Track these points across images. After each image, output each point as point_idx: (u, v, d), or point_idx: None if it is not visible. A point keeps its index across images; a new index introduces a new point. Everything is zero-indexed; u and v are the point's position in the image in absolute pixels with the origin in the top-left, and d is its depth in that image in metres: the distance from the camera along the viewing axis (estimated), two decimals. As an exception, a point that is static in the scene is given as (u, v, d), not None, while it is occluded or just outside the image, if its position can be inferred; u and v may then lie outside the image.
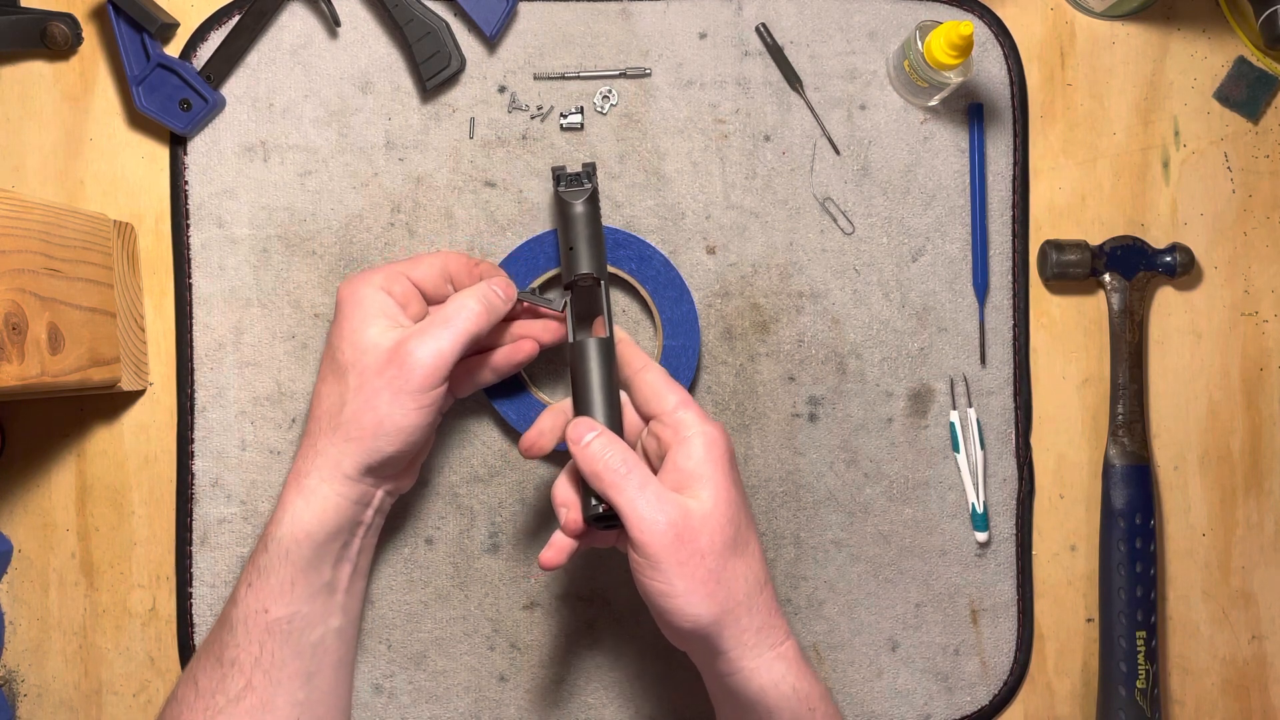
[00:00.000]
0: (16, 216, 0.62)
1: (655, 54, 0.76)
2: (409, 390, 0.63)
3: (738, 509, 0.61)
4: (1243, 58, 0.78)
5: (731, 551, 0.60)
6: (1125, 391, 0.77)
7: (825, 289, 0.77)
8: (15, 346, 0.60)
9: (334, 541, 0.66)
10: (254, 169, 0.75)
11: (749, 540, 0.61)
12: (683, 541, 0.58)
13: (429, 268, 0.68)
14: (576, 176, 0.71)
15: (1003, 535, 0.77)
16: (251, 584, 0.65)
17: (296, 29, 0.75)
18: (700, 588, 0.58)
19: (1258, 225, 0.79)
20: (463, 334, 0.64)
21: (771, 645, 0.61)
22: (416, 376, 0.63)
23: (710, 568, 0.59)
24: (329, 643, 0.68)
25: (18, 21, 0.73)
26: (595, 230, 0.70)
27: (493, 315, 0.66)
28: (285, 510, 0.65)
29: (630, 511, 0.59)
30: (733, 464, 0.62)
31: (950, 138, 0.77)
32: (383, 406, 0.63)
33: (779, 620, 0.62)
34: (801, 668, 0.62)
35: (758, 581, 0.61)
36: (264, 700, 0.64)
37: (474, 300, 0.65)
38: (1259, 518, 0.79)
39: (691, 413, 0.62)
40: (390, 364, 0.63)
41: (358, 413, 0.64)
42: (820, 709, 0.62)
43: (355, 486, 0.66)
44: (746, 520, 0.62)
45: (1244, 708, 0.79)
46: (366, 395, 0.64)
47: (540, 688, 0.76)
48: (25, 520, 0.75)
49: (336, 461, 0.65)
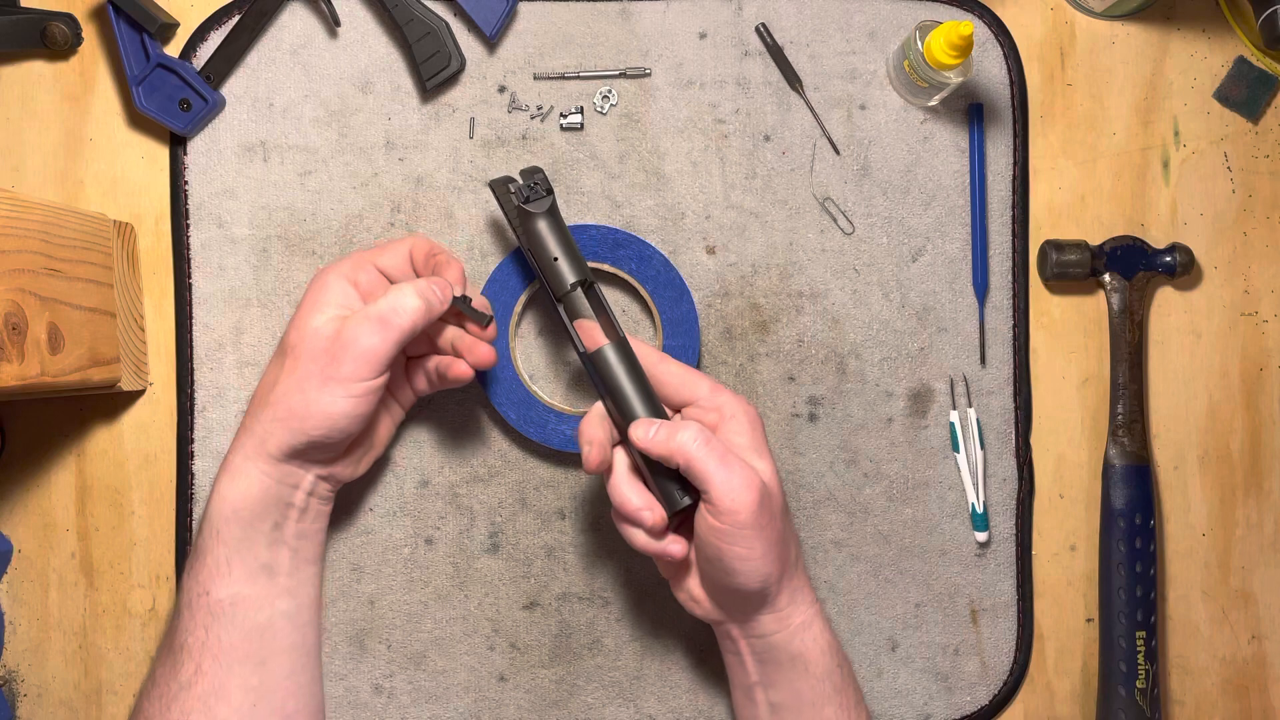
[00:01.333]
0: (16, 216, 0.62)
1: (655, 54, 0.76)
2: (337, 378, 0.64)
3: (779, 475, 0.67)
4: (1243, 58, 0.78)
5: (786, 513, 0.67)
6: (1125, 391, 0.77)
7: (825, 289, 0.77)
8: (15, 346, 0.60)
9: (262, 521, 0.67)
10: (254, 169, 0.75)
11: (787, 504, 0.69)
12: (763, 508, 0.63)
13: (395, 254, 0.69)
14: (531, 186, 0.69)
15: (1003, 535, 0.77)
16: (191, 567, 0.67)
17: (296, 29, 0.75)
18: (773, 549, 0.64)
19: (1258, 225, 0.79)
20: (396, 329, 0.64)
21: (810, 603, 0.67)
22: (346, 366, 0.64)
23: (779, 529, 0.64)
24: (278, 626, 0.68)
25: (18, 21, 0.73)
26: (567, 235, 0.69)
27: (430, 314, 0.66)
28: (215, 489, 0.67)
29: (723, 485, 0.62)
30: (765, 434, 0.68)
31: (950, 138, 0.77)
32: (311, 390, 0.64)
33: (808, 580, 0.69)
34: (827, 624, 0.69)
35: (798, 542, 0.70)
36: (215, 685, 0.65)
37: (414, 297, 0.65)
38: (1259, 518, 0.79)
39: (726, 394, 0.67)
40: (325, 351, 0.64)
41: (287, 394, 0.65)
42: (846, 665, 0.69)
43: (279, 467, 0.66)
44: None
45: (1244, 708, 0.79)
46: (298, 378, 0.64)
47: (540, 688, 0.76)
48: (25, 520, 0.75)
49: (262, 440, 0.66)
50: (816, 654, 0.67)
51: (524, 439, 0.76)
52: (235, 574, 0.66)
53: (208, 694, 0.65)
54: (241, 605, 0.66)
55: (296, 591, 0.69)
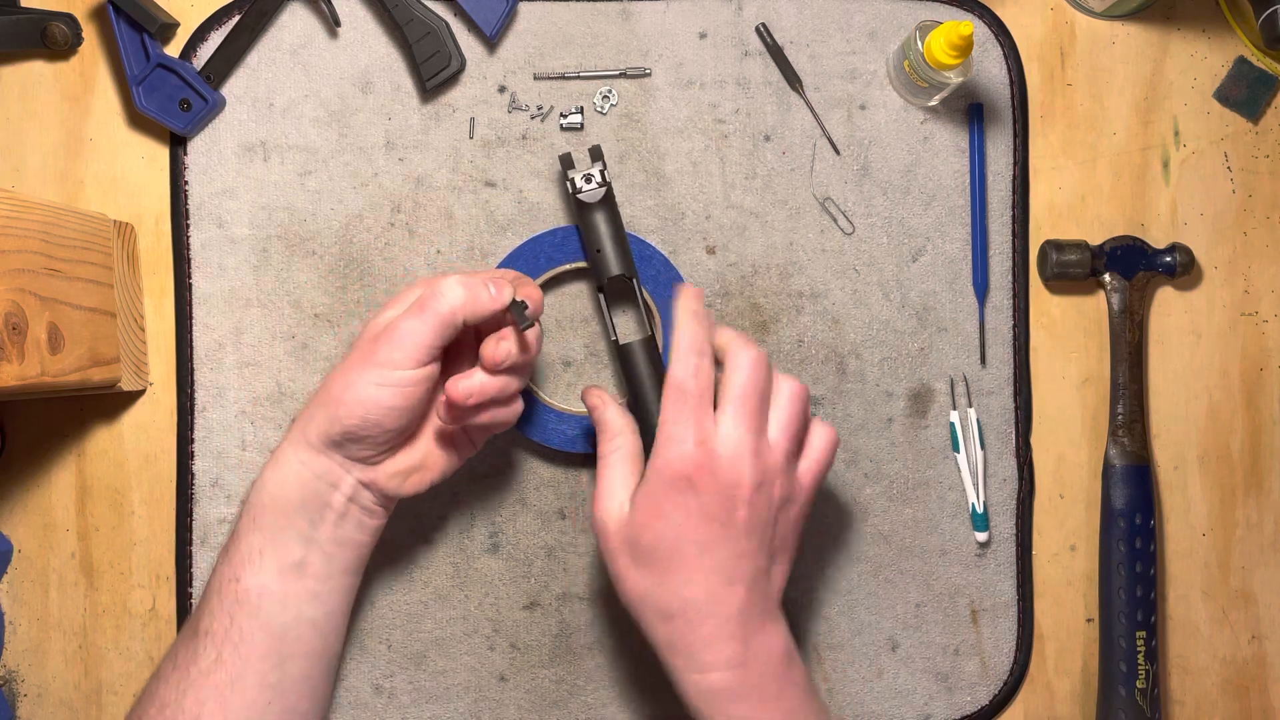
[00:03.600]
0: (16, 216, 0.62)
1: (655, 54, 0.76)
2: (376, 363, 0.63)
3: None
4: (1243, 58, 0.78)
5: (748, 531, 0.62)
6: (1125, 391, 0.77)
7: (825, 289, 0.77)
8: (15, 346, 0.60)
9: (298, 515, 0.66)
10: (254, 169, 0.75)
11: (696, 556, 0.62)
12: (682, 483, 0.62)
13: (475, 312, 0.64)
14: (588, 174, 0.71)
15: (1003, 535, 0.77)
16: (226, 549, 0.67)
17: (296, 29, 0.75)
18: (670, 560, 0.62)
19: (1258, 225, 0.79)
20: (434, 314, 0.62)
21: (690, 667, 0.62)
22: (383, 351, 0.63)
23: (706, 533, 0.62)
24: (302, 631, 0.67)
25: (18, 21, 0.73)
26: (618, 227, 0.72)
27: (475, 307, 0.63)
28: (258, 478, 0.67)
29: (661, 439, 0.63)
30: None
31: (950, 138, 0.77)
32: (350, 375, 0.63)
33: (706, 647, 0.61)
34: (722, 710, 0.61)
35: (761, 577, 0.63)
36: (233, 676, 0.64)
37: (460, 287, 0.63)
38: (1259, 518, 0.79)
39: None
40: (372, 338, 0.64)
41: (331, 379, 0.65)
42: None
43: (318, 458, 0.65)
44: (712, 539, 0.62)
45: (1244, 708, 0.79)
46: (343, 367, 0.64)
47: (540, 688, 0.76)
48: (25, 520, 0.75)
49: (303, 427, 0.65)
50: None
51: (524, 439, 0.76)
52: (266, 565, 0.65)
53: (224, 684, 0.64)
54: (268, 599, 0.65)
55: (326, 599, 0.68)
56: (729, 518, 0.61)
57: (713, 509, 0.61)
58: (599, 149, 0.73)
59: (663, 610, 0.62)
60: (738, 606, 0.62)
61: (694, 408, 0.62)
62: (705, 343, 0.64)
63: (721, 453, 0.61)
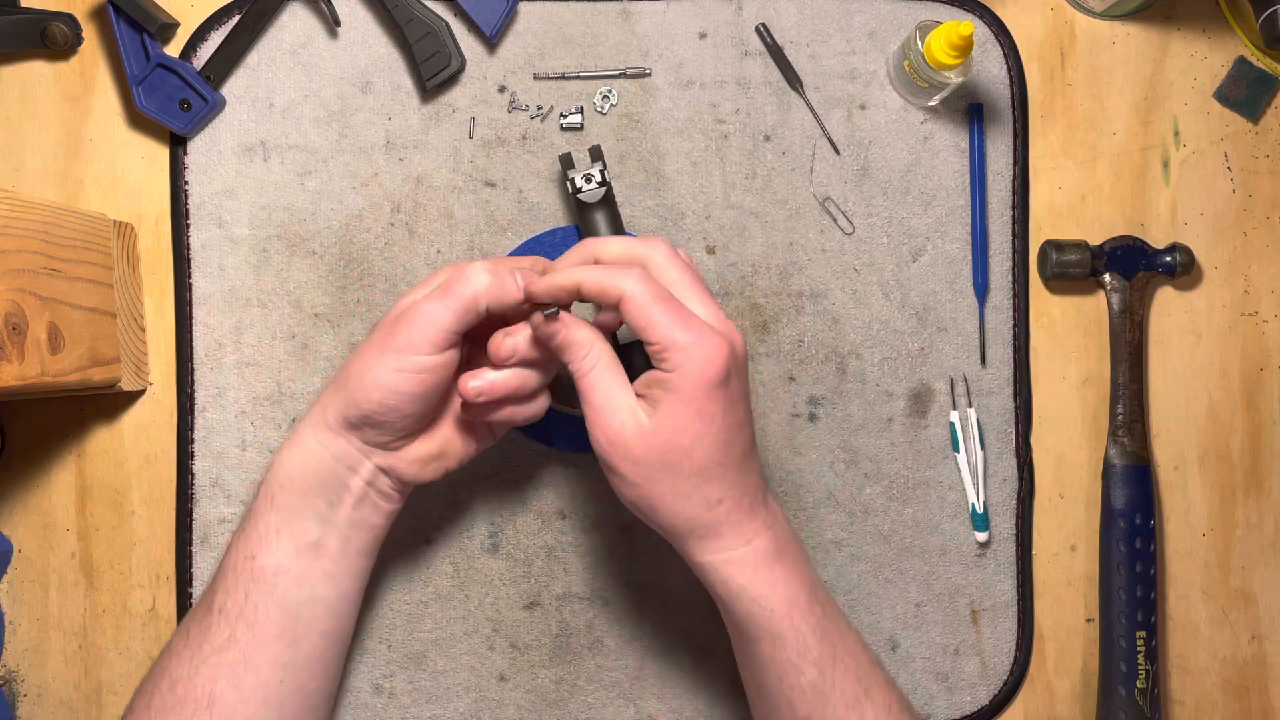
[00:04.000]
0: (16, 216, 0.62)
1: (655, 54, 0.76)
2: (395, 347, 0.62)
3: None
4: (1243, 58, 0.78)
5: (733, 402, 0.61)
6: (1125, 391, 0.77)
7: (825, 289, 0.77)
8: (15, 346, 0.60)
9: (316, 496, 0.65)
10: (254, 169, 0.75)
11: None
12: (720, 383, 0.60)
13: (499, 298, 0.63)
14: (588, 174, 0.71)
15: (1003, 535, 0.77)
16: (242, 529, 0.66)
17: (296, 29, 0.75)
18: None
19: (1258, 225, 0.79)
20: (457, 298, 0.62)
21: (726, 547, 0.61)
22: (402, 334, 0.62)
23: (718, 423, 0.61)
24: (317, 611, 0.67)
25: (18, 21, 0.73)
26: (618, 228, 0.72)
27: (501, 294, 0.62)
28: (276, 456, 0.66)
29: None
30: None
31: (950, 138, 0.77)
32: (369, 359, 0.63)
33: (737, 529, 0.62)
34: (758, 572, 0.62)
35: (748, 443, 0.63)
36: (246, 655, 0.64)
37: (484, 272, 0.62)
38: (1259, 518, 0.79)
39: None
40: (391, 320, 0.63)
41: (350, 363, 0.64)
42: (779, 611, 0.61)
43: (336, 441, 0.65)
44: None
45: (1244, 708, 0.79)
46: (363, 349, 0.64)
47: (540, 688, 0.76)
48: (25, 520, 0.75)
49: (323, 408, 0.65)
50: (727, 595, 0.62)
51: (524, 439, 0.76)
52: (283, 544, 0.65)
53: (237, 662, 0.64)
54: (284, 578, 0.65)
55: (340, 580, 0.68)
56: (745, 393, 0.62)
57: (736, 393, 0.61)
58: (599, 149, 0.73)
59: (708, 503, 0.61)
60: (757, 471, 0.63)
61: (680, 309, 0.60)
62: (631, 252, 0.63)
63: (720, 325, 0.61)
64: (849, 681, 0.62)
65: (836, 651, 0.63)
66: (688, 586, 0.76)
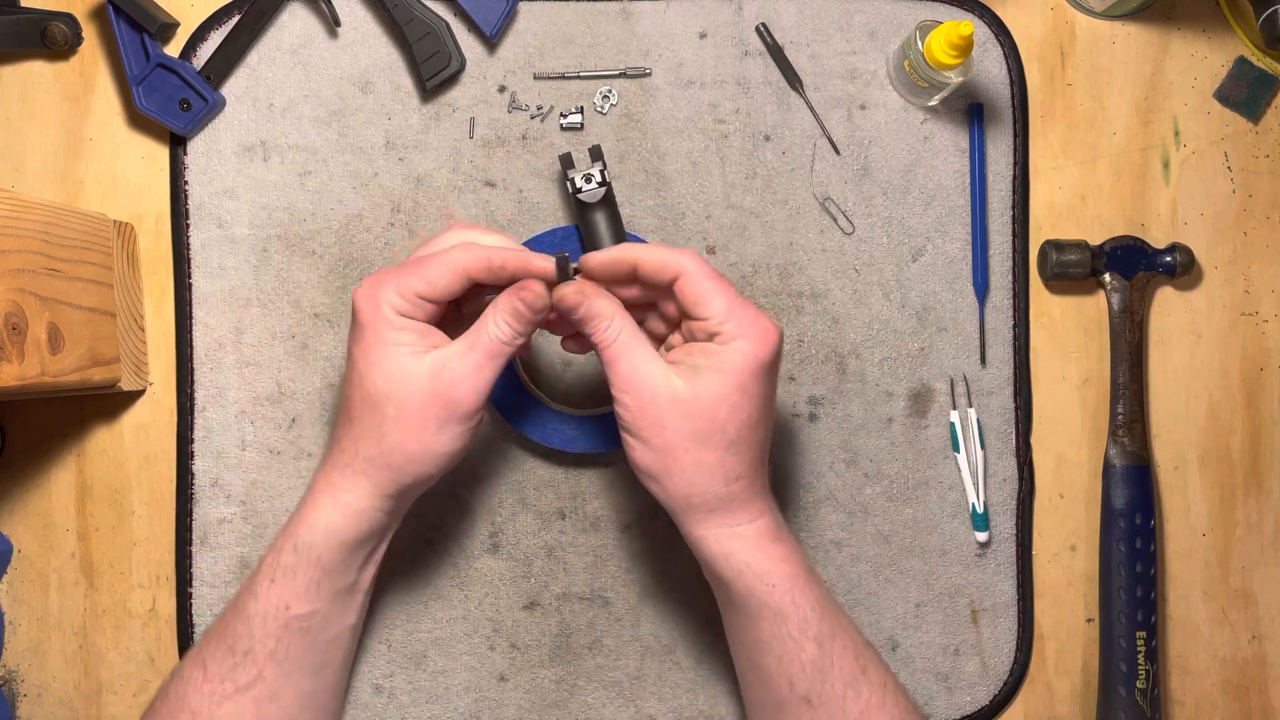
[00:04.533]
0: (16, 216, 0.62)
1: (655, 54, 0.76)
2: (455, 419, 0.62)
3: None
4: (1243, 58, 0.78)
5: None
6: (1125, 391, 0.77)
7: (825, 289, 0.77)
8: (15, 346, 0.60)
9: (363, 547, 0.66)
10: (254, 169, 0.75)
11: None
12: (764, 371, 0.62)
13: (446, 277, 0.62)
14: (588, 174, 0.72)
15: (1003, 535, 0.77)
16: (275, 580, 0.65)
17: (296, 29, 0.75)
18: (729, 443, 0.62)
19: (1258, 225, 0.79)
20: (502, 360, 0.62)
21: (734, 520, 0.63)
22: (462, 409, 0.62)
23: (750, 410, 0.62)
24: (343, 639, 0.69)
25: (18, 21, 0.73)
26: (618, 227, 0.72)
27: (528, 330, 0.63)
28: (318, 515, 0.65)
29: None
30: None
31: (950, 138, 0.77)
32: (428, 436, 0.62)
33: (745, 506, 0.63)
34: (761, 548, 0.63)
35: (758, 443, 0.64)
36: (273, 691, 0.65)
37: (506, 325, 0.62)
38: (1259, 518, 0.79)
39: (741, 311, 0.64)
40: (434, 396, 0.62)
41: (403, 442, 0.62)
42: (781, 586, 0.63)
43: (391, 501, 0.65)
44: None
45: (1244, 708, 0.79)
46: (410, 425, 0.62)
47: (540, 688, 0.76)
48: (25, 520, 0.75)
49: (378, 484, 0.64)
50: (730, 572, 0.63)
51: (524, 439, 0.76)
52: (322, 594, 0.66)
53: (263, 698, 0.65)
54: (318, 620, 0.66)
55: (363, 605, 0.70)
56: (776, 383, 0.63)
57: (774, 380, 0.63)
58: (599, 149, 0.73)
59: (726, 477, 0.62)
60: (768, 456, 0.65)
61: (734, 291, 0.62)
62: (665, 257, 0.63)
63: (773, 323, 0.62)
64: (847, 659, 0.63)
65: (835, 629, 0.64)
66: (688, 587, 0.76)
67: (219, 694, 0.64)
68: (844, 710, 0.63)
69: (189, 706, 0.64)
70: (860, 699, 0.63)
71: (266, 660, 0.64)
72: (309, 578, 0.65)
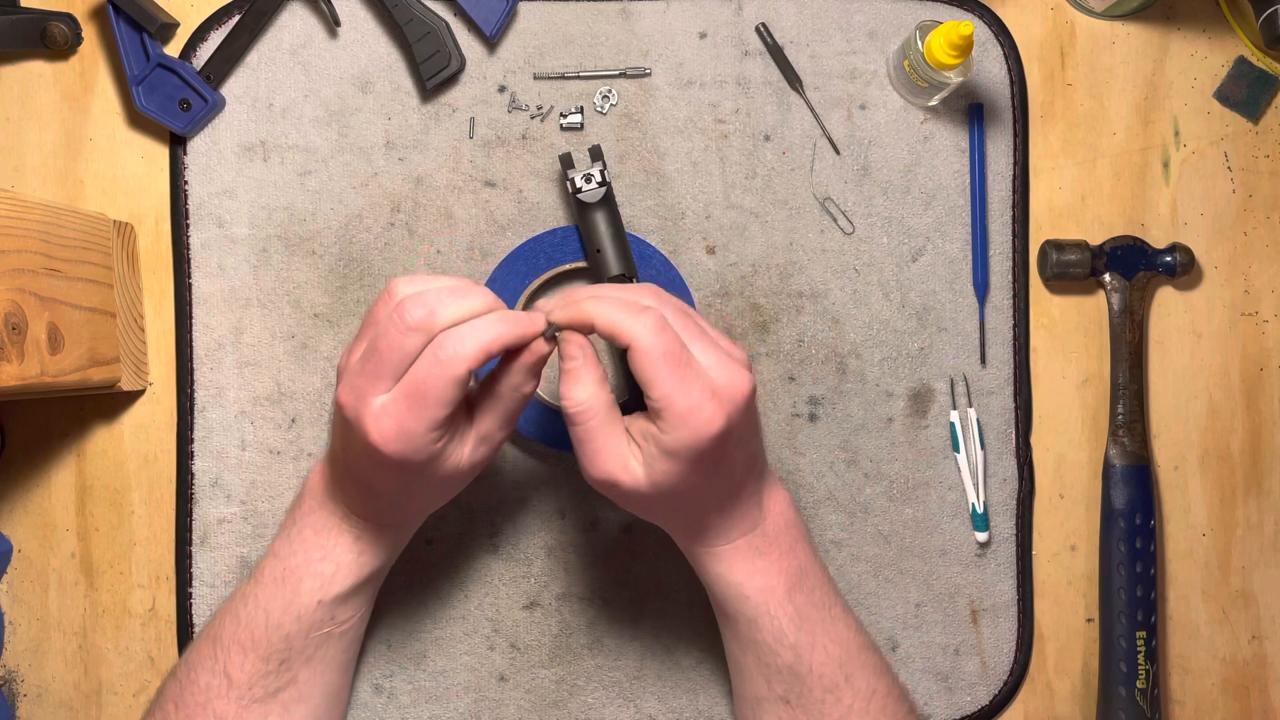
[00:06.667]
0: (16, 216, 0.62)
1: (655, 54, 0.76)
2: (461, 480, 0.65)
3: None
4: (1243, 58, 0.78)
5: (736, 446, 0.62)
6: (1125, 391, 0.77)
7: (825, 289, 0.77)
8: (15, 346, 0.60)
9: (388, 567, 0.71)
10: (254, 169, 0.75)
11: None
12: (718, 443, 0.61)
13: (452, 390, 0.58)
14: (588, 174, 0.72)
15: (1003, 535, 0.77)
16: (322, 600, 0.66)
17: (296, 29, 0.75)
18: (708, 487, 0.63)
19: (1258, 225, 0.79)
20: (505, 438, 0.65)
21: (709, 545, 0.65)
22: (467, 476, 0.65)
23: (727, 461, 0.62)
24: (362, 635, 0.72)
25: (18, 21, 0.73)
26: (618, 227, 0.72)
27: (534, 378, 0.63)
28: (346, 557, 0.67)
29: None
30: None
31: (950, 138, 0.77)
32: (436, 494, 0.66)
33: (723, 533, 0.64)
34: (737, 564, 0.64)
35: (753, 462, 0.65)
36: (303, 693, 0.66)
37: (512, 412, 0.63)
38: (1259, 518, 0.79)
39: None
40: (442, 475, 0.62)
41: (421, 508, 0.68)
42: (755, 599, 0.64)
43: (407, 535, 0.71)
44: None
45: (1244, 708, 0.79)
46: (423, 488, 0.64)
47: (540, 688, 0.76)
48: (25, 520, 0.75)
49: (398, 538, 0.69)
50: (722, 589, 0.65)
51: (524, 439, 0.76)
52: (363, 608, 0.70)
53: (291, 700, 0.66)
54: (352, 625, 0.69)
55: (375, 598, 0.72)
56: (750, 431, 0.63)
57: (740, 431, 0.60)
58: (599, 149, 0.73)
59: (702, 523, 0.64)
60: (757, 481, 0.65)
61: (685, 370, 0.58)
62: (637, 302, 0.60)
63: (724, 383, 0.58)
64: (828, 668, 0.64)
65: (817, 639, 0.64)
66: (688, 587, 0.76)
67: (247, 697, 0.65)
68: (822, 713, 0.64)
69: (214, 712, 0.64)
70: (841, 704, 0.64)
71: (303, 666, 0.66)
72: (355, 605, 0.68)
